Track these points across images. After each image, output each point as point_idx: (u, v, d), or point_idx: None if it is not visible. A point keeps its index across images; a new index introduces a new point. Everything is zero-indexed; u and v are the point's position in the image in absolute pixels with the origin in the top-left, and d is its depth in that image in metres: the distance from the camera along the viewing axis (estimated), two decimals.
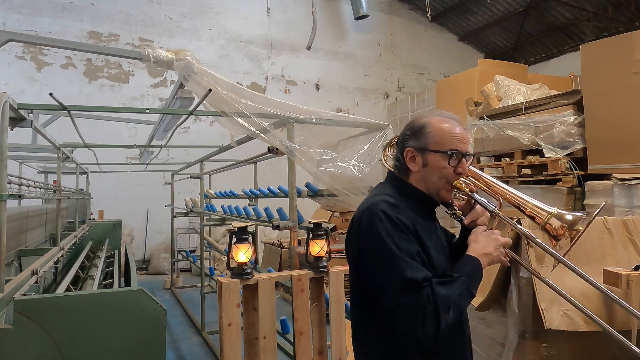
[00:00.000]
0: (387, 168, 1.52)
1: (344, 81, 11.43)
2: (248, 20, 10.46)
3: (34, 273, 2.54)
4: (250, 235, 2.21)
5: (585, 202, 3.48)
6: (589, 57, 3.83)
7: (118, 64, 9.34)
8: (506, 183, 1.60)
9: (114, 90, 9.26)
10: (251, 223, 2.34)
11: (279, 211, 2.92)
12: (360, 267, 1.33)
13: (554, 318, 2.05)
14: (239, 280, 2.10)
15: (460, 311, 1.24)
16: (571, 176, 3.65)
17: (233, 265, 2.15)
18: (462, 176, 1.38)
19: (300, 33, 10.70)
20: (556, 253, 1.33)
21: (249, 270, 2.14)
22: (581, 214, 1.28)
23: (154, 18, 9.64)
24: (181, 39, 9.73)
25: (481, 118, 4.60)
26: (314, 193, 3.13)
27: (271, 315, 2.13)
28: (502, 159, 4.57)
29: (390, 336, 1.30)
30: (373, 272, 1.27)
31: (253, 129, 2.55)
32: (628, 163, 3.40)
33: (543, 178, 3.88)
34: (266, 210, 3.25)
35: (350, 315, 1.48)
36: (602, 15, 9.29)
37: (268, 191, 3.74)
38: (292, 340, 2.23)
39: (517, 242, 2.27)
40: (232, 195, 5.01)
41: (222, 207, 4.48)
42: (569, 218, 1.27)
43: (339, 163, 2.61)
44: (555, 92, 4.39)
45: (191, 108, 2.98)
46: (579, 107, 3.82)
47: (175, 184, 7.53)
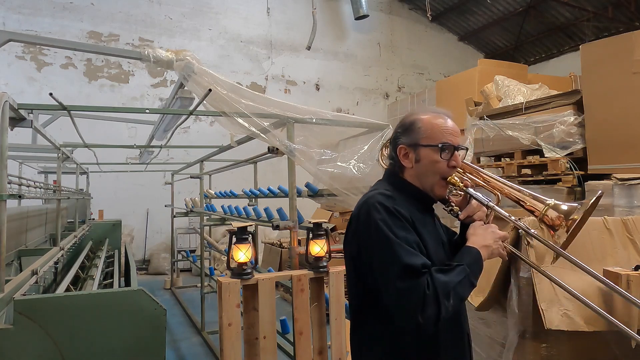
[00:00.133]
0: (385, 168, 1.53)
1: (344, 81, 11.43)
2: (248, 20, 10.46)
3: (34, 273, 2.54)
4: (250, 235, 2.21)
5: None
6: (589, 57, 3.82)
7: (118, 64, 9.34)
8: None
9: (114, 90, 9.27)
10: (251, 223, 2.34)
11: (279, 211, 2.92)
12: (360, 264, 1.33)
13: (554, 318, 2.05)
14: (239, 280, 2.10)
15: (460, 299, 1.22)
16: (571, 176, 3.64)
17: (233, 265, 2.15)
18: (456, 170, 1.38)
19: (300, 33, 10.70)
20: (552, 244, 1.36)
21: (249, 270, 2.15)
22: (576, 204, 1.33)
23: (154, 18, 9.64)
24: (181, 39, 9.73)
25: (481, 118, 4.60)
26: (314, 193, 3.14)
27: (271, 315, 2.13)
28: (502, 159, 4.56)
29: (389, 336, 1.30)
30: (372, 265, 1.27)
31: (253, 129, 2.55)
32: (628, 163, 3.40)
33: (543, 178, 3.88)
34: (266, 210, 3.25)
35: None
36: (602, 15, 9.29)
37: (268, 191, 3.74)
38: (292, 340, 2.23)
39: (517, 242, 2.26)
40: (232, 195, 5.01)
41: (222, 207, 4.48)
42: (565, 208, 1.32)
43: (339, 163, 2.61)
44: (555, 92, 4.38)
45: (191, 108, 2.98)
46: (579, 107, 3.81)
47: (175, 184, 7.53)
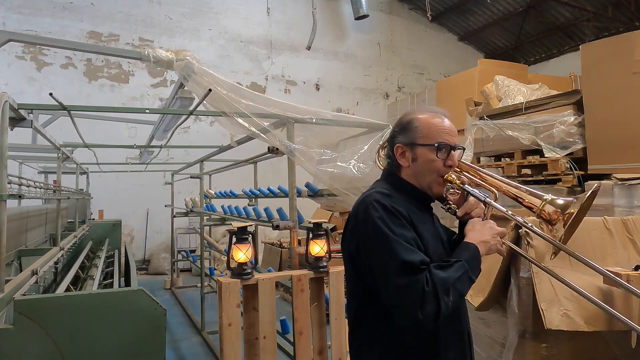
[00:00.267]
0: (381, 169, 1.53)
1: (344, 81, 11.43)
2: (248, 20, 10.46)
3: (34, 273, 2.54)
4: (250, 235, 2.21)
5: None
6: (589, 57, 3.82)
7: (118, 64, 9.34)
8: None
9: (114, 90, 9.26)
10: (251, 223, 2.34)
11: (279, 211, 2.92)
12: (358, 263, 1.33)
13: (554, 318, 2.05)
14: (239, 280, 2.10)
15: (460, 295, 1.22)
16: (571, 176, 3.64)
17: (233, 265, 2.16)
18: (453, 169, 1.38)
19: (300, 33, 10.70)
20: (549, 237, 1.37)
21: (249, 270, 2.15)
22: (572, 199, 1.35)
23: (154, 18, 9.64)
24: (181, 39, 9.73)
25: (481, 118, 4.60)
26: (314, 193, 3.14)
27: (271, 315, 2.13)
28: (502, 159, 4.56)
29: (388, 336, 1.30)
30: (370, 263, 1.27)
31: (253, 129, 2.55)
32: (628, 163, 3.40)
33: (543, 178, 3.88)
34: (266, 210, 3.25)
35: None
36: (602, 15, 9.30)
37: (268, 191, 3.75)
38: (292, 340, 2.23)
39: (517, 242, 2.26)
40: (232, 195, 5.01)
41: (222, 207, 4.48)
42: (561, 202, 1.34)
43: (339, 163, 2.61)
44: (555, 92, 4.38)
45: (191, 108, 2.98)
46: (579, 107, 3.81)
47: (175, 184, 7.53)
